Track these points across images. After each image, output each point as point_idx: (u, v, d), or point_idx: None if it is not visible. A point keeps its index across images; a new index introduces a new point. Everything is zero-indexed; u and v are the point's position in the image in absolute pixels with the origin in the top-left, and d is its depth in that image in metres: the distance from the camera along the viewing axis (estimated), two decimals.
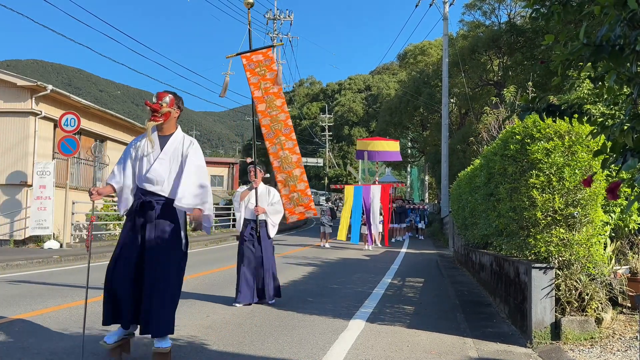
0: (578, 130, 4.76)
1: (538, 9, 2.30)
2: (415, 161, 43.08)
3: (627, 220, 5.50)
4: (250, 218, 6.64)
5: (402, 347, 4.62)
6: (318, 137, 71.01)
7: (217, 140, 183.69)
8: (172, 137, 4.17)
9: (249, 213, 6.65)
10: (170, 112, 4.14)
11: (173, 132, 4.20)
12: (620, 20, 1.77)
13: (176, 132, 4.20)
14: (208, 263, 11.69)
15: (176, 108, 4.21)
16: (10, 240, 13.95)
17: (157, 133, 4.18)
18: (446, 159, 22.36)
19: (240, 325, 5.32)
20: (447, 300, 7.44)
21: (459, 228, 11.28)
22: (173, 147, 4.13)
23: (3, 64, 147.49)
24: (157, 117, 4.11)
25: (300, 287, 8.17)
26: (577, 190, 4.73)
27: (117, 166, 4.25)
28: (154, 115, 4.11)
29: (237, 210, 6.75)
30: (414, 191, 47.98)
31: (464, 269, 11.26)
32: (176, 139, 4.16)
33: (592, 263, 4.82)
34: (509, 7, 27.43)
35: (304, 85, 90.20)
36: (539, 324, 4.71)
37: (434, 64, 34.81)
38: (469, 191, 8.90)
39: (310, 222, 35.05)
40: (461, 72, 24.34)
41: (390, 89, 57.19)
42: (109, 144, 18.50)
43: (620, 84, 1.96)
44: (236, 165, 45.74)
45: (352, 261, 13.12)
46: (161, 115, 4.11)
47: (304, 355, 4.26)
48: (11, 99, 14.21)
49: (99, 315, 4.22)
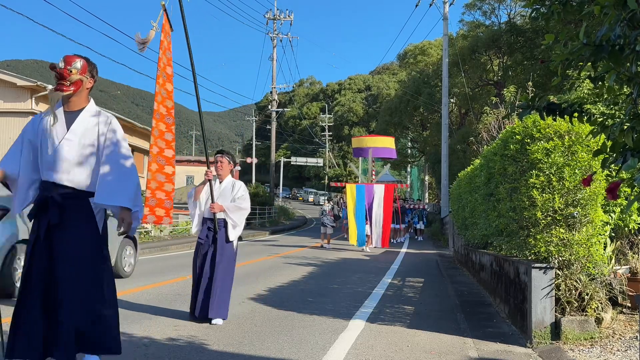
0: (578, 130, 4.76)
1: (538, 9, 2.30)
2: (415, 161, 43.09)
3: (627, 220, 5.50)
4: (209, 217, 5.48)
5: (402, 347, 4.62)
6: (318, 137, 71.03)
7: (217, 140, 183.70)
8: (82, 113, 3.34)
9: (207, 211, 5.48)
10: (81, 80, 3.30)
11: (84, 106, 3.37)
12: (620, 20, 1.77)
13: (88, 107, 3.38)
14: None
15: (89, 76, 3.37)
16: None
17: (63, 108, 3.34)
18: (446, 159, 22.36)
19: (240, 325, 5.32)
20: (447, 300, 7.44)
21: (459, 228, 11.28)
22: (84, 125, 3.30)
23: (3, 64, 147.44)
24: (65, 85, 3.26)
25: (300, 287, 8.17)
26: (577, 190, 4.73)
27: (11, 149, 3.33)
28: (60, 83, 3.25)
29: (192, 209, 5.57)
30: (413, 191, 48.00)
31: (464, 269, 11.26)
32: (88, 115, 3.34)
33: (592, 263, 4.82)
34: (509, 7, 27.48)
35: (304, 85, 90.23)
36: (539, 323, 4.71)
37: (434, 64, 34.84)
38: (469, 191, 8.90)
39: (310, 222, 35.05)
40: (461, 72, 24.35)
41: (390, 89, 57.22)
42: None
43: (620, 84, 1.96)
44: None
45: (352, 261, 13.12)
46: (70, 84, 3.27)
47: (304, 355, 4.26)
48: (11, 99, 14.23)
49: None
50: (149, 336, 4.68)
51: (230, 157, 5.58)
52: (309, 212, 45.02)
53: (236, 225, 5.41)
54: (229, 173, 5.58)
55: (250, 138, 73.74)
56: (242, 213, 5.46)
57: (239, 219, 5.43)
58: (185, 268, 10.32)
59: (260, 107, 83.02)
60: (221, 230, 5.40)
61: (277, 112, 37.92)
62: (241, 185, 5.55)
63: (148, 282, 8.00)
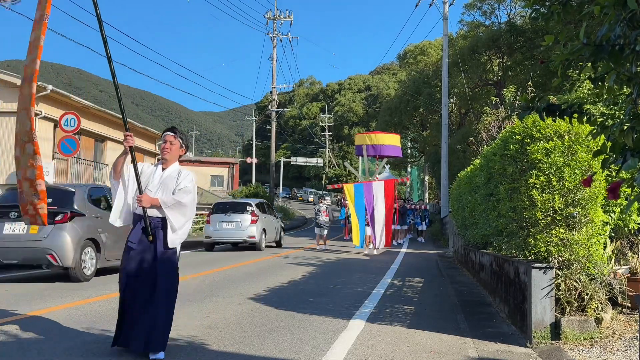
0: (578, 130, 4.76)
1: (538, 9, 2.30)
2: (415, 161, 43.09)
3: (626, 220, 5.50)
4: (139, 213, 4.14)
5: (402, 347, 4.62)
6: (318, 137, 71.04)
7: (217, 140, 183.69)
8: None
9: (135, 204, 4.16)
10: None
11: None
12: (620, 20, 1.77)
13: None
14: (208, 263, 11.69)
15: None
16: None
17: None
18: (446, 159, 22.35)
19: (240, 325, 5.32)
20: (447, 300, 7.44)
21: (459, 228, 11.28)
22: None
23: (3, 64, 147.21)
24: None
25: (300, 287, 8.18)
26: (576, 190, 4.73)
27: None
28: None
29: (114, 191, 4.21)
30: (413, 191, 47.98)
31: (464, 269, 11.27)
32: None
33: (591, 263, 4.82)
34: (509, 7, 27.50)
35: (303, 85, 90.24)
36: (539, 323, 4.71)
37: (433, 64, 34.86)
38: (468, 191, 8.90)
39: (310, 222, 34.97)
40: (461, 72, 24.35)
41: (390, 89, 57.25)
42: (109, 144, 18.52)
43: (620, 84, 1.96)
44: (236, 165, 45.75)
45: (352, 261, 13.11)
46: None
47: (304, 355, 4.26)
48: (11, 99, 14.22)
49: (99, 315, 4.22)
50: None
51: (184, 139, 4.34)
52: (308, 212, 44.98)
53: (177, 229, 4.08)
54: (177, 159, 4.32)
55: (250, 138, 73.75)
56: (182, 211, 4.10)
57: (177, 220, 4.08)
58: (186, 268, 10.31)
59: (260, 107, 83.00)
60: (158, 233, 4.07)
61: (277, 112, 37.93)
62: (188, 174, 4.25)
63: None
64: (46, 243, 7.89)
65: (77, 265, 8.03)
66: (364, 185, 16.25)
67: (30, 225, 3.37)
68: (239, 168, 47.39)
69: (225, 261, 12.17)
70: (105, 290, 7.21)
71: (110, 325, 4.66)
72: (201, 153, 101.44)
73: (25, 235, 7.97)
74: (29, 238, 7.94)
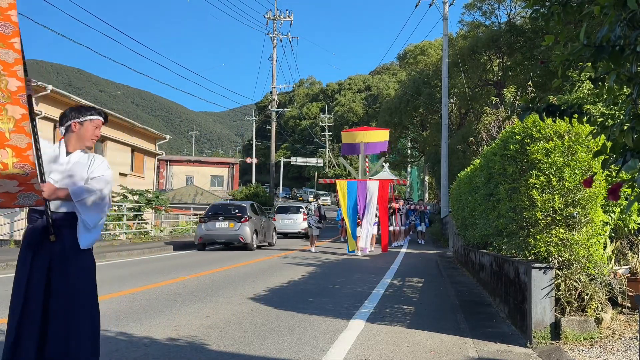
0: (578, 130, 4.76)
1: (538, 10, 2.30)
2: (415, 161, 43.11)
3: (626, 220, 5.50)
4: (39, 208, 3.06)
5: (402, 347, 4.62)
6: (318, 137, 71.08)
7: (217, 140, 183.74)
8: None
9: (33, 197, 2.91)
10: None
11: None
12: (620, 20, 1.77)
13: None
14: (207, 263, 11.69)
15: None
16: (10, 240, 13.95)
17: None
18: (446, 159, 22.36)
19: (240, 325, 5.32)
20: (447, 300, 7.44)
21: (459, 228, 11.29)
22: None
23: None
24: None
25: (300, 287, 8.18)
26: (576, 190, 4.74)
27: None
28: None
29: None
30: (413, 191, 48.00)
31: (464, 269, 11.27)
32: None
33: (591, 263, 4.82)
34: (509, 8, 27.50)
35: (303, 85, 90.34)
36: (539, 324, 4.71)
37: (433, 64, 34.88)
38: (468, 191, 8.90)
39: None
40: (461, 72, 24.36)
41: (390, 89, 57.27)
42: (109, 144, 18.50)
43: (620, 84, 1.96)
44: (236, 166, 45.80)
45: (352, 261, 13.12)
46: None
47: (303, 355, 4.26)
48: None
49: (102, 316, 4.21)
50: (149, 336, 4.68)
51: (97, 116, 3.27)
52: None
53: (91, 226, 3.09)
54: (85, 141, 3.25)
55: (250, 138, 73.76)
56: (97, 205, 3.12)
57: (89, 215, 3.09)
58: (186, 268, 10.31)
59: (260, 107, 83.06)
60: (65, 231, 3.05)
61: (277, 112, 37.93)
62: (103, 161, 3.26)
63: (148, 282, 8.01)
64: (239, 232, 15.60)
65: (251, 242, 15.78)
66: (358, 183, 15.65)
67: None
68: (239, 168, 47.44)
69: (224, 261, 12.17)
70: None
71: None
72: (201, 153, 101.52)
73: (227, 228, 15.69)
74: (229, 230, 15.68)
